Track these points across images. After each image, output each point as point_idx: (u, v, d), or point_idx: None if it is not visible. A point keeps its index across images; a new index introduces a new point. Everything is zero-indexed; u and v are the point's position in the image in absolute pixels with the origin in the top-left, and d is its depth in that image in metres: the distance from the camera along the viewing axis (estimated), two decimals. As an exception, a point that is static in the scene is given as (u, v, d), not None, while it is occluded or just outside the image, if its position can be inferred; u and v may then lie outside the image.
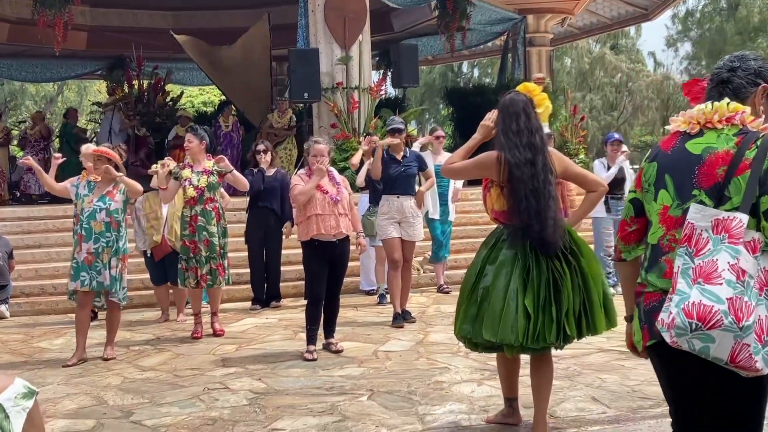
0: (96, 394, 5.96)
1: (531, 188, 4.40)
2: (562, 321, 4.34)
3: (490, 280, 4.46)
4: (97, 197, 6.97)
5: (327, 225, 6.89)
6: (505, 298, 4.35)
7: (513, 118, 4.52)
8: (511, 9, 17.85)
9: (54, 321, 9.19)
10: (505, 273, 4.41)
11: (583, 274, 4.45)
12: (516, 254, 4.42)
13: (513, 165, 4.42)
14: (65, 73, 22.78)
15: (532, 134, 4.51)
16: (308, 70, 12.90)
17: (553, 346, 4.44)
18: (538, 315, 4.31)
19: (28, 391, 1.29)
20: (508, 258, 4.44)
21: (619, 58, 38.60)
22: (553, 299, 4.34)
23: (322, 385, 6.00)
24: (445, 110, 25.88)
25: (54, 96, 41.31)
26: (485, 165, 4.64)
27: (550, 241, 4.38)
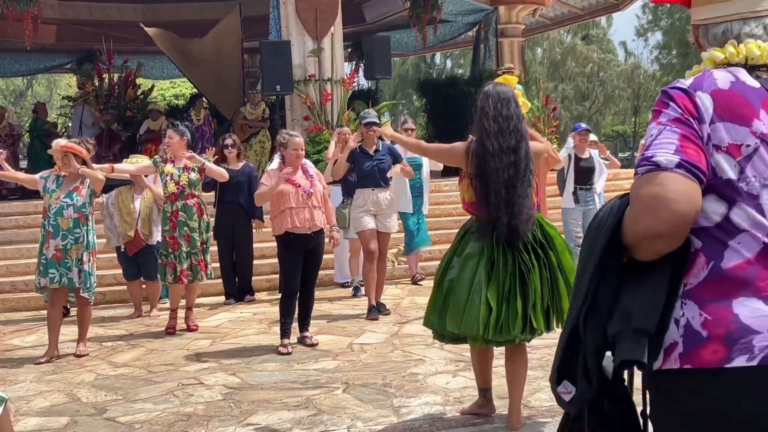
0: (69, 391, 5.92)
1: (506, 177, 4.40)
2: (528, 314, 4.36)
3: (456, 272, 4.48)
4: (65, 193, 6.91)
5: (301, 218, 6.89)
6: (470, 290, 4.37)
7: (504, 103, 4.49)
8: (483, 0, 17.85)
9: (26, 318, 9.10)
10: (471, 265, 4.42)
11: (553, 267, 4.47)
12: (483, 247, 4.44)
13: (489, 154, 4.40)
14: (34, 67, 22.46)
15: (520, 121, 4.52)
16: (280, 63, 12.82)
17: (519, 338, 4.45)
18: (501, 307, 4.33)
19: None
20: (475, 250, 4.45)
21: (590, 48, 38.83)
22: (518, 292, 4.35)
23: (297, 378, 5.99)
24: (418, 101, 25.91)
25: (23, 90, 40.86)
26: (455, 155, 4.66)
27: (518, 234, 4.38)
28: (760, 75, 1.89)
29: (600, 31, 40.64)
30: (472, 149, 4.49)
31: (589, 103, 38.31)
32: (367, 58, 14.77)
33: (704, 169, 1.78)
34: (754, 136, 1.80)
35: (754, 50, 1.89)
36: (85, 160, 7.04)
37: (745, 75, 1.87)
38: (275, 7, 13.71)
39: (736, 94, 1.83)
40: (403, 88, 38.32)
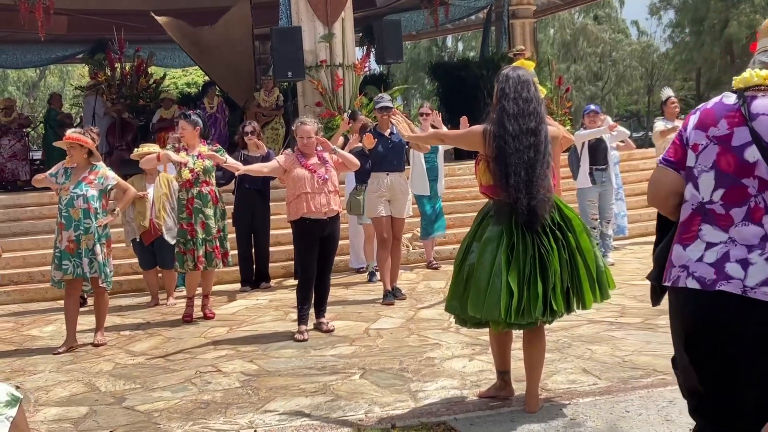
0: (88, 381, 5.95)
1: (526, 159, 4.38)
2: (549, 296, 4.36)
3: (475, 257, 4.48)
4: (74, 184, 6.92)
5: (317, 203, 6.89)
6: (490, 274, 4.36)
7: (524, 85, 4.48)
8: (494, -19, 17.77)
9: (43, 308, 9.15)
10: (491, 250, 4.41)
11: (571, 249, 4.46)
12: (502, 231, 4.43)
13: (510, 136, 4.39)
14: (46, 57, 22.55)
15: (539, 104, 4.50)
16: (291, 49, 12.80)
17: (540, 321, 4.45)
18: (522, 291, 4.32)
19: (12, 398, 1.26)
20: (494, 234, 4.45)
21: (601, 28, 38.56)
22: (538, 275, 4.35)
23: (314, 365, 6.01)
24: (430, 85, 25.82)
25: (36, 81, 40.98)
26: (473, 139, 4.64)
27: (538, 216, 4.37)
28: (754, 94, 2.63)
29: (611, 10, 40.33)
30: (490, 131, 4.48)
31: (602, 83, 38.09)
32: (378, 43, 14.73)
33: (674, 160, 2.79)
34: (707, 138, 2.67)
35: (746, 75, 2.66)
36: (91, 150, 7.05)
37: (729, 96, 2.69)
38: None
39: (710, 110, 2.71)
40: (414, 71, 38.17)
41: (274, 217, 9.99)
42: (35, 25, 13.32)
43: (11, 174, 15.24)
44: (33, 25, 13.38)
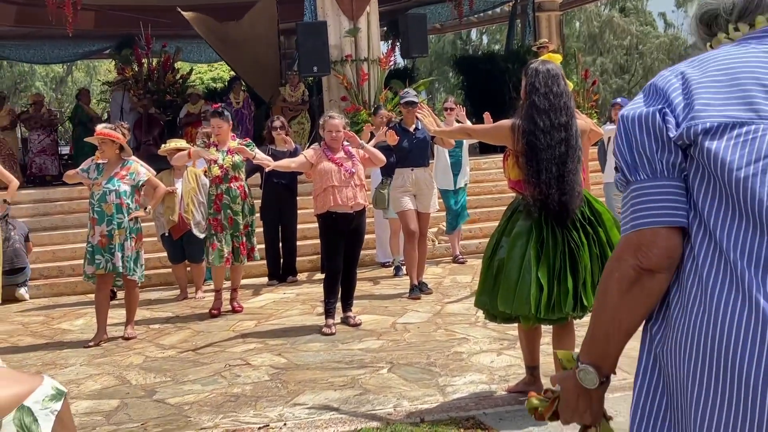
0: (118, 374, 6.02)
1: (557, 154, 4.37)
2: (579, 291, 4.35)
3: (505, 252, 4.48)
4: (106, 179, 6.99)
5: (343, 196, 6.91)
6: (520, 270, 4.36)
7: (554, 79, 4.46)
8: (520, -26, 17.70)
9: (73, 302, 9.26)
10: (520, 245, 4.41)
11: (602, 243, 4.45)
12: (531, 226, 4.42)
13: (541, 131, 4.37)
14: (74, 52, 22.73)
15: (569, 98, 4.49)
16: (316, 44, 12.82)
17: (571, 316, 4.45)
18: (552, 286, 4.32)
19: (57, 392, 1.29)
20: (524, 229, 4.44)
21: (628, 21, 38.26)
22: (569, 270, 4.34)
23: (342, 358, 6.03)
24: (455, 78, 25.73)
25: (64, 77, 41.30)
26: (500, 132, 4.63)
27: (569, 211, 4.36)
28: None
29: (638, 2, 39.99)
30: (519, 126, 4.46)
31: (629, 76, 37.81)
32: (403, 37, 14.71)
33: None
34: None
35: None
36: (122, 145, 7.11)
37: None
38: (310, -12, 13.71)
39: None
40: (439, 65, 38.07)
41: (301, 211, 10.02)
42: (63, 21, 13.42)
43: (39, 169, 15.39)
44: (60, 20, 13.48)
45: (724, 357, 1.44)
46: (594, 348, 1.71)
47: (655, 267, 1.57)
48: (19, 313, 8.81)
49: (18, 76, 39.82)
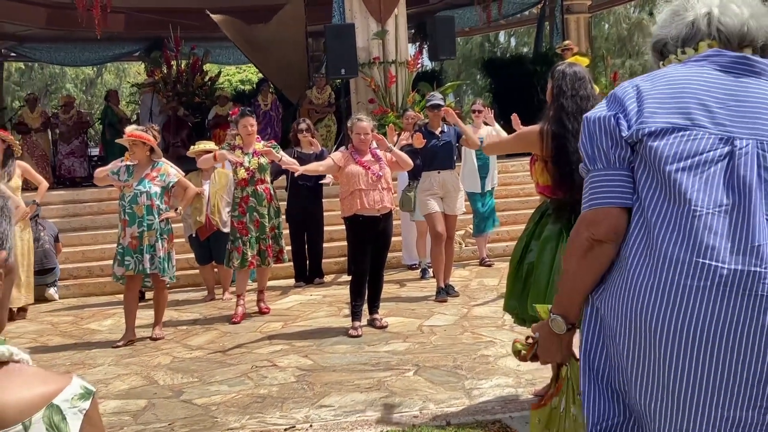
0: (146, 374, 6.06)
1: None
2: None
3: (534, 255, 4.45)
4: (137, 181, 7.04)
5: (371, 200, 6.91)
6: (550, 273, 4.33)
7: (581, 82, 4.43)
8: (548, -24, 17.63)
9: (102, 302, 9.34)
10: (550, 249, 4.39)
11: None
12: (560, 229, 4.39)
13: (570, 134, 4.33)
14: (104, 55, 22.96)
15: (596, 102, 4.45)
16: (344, 46, 12.84)
17: None
18: None
19: (85, 391, 1.30)
20: (553, 233, 4.41)
21: (658, 23, 37.96)
22: None
23: (368, 360, 6.03)
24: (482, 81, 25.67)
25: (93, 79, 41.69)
26: (528, 139, 4.60)
27: None
28: None
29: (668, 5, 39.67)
30: (547, 130, 4.42)
31: (658, 79, 37.52)
32: (431, 39, 14.71)
33: None
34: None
35: None
36: (152, 147, 7.16)
37: None
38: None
39: None
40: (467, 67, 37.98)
41: (327, 213, 10.04)
42: (93, 24, 13.55)
43: (69, 171, 15.55)
44: (90, 23, 13.61)
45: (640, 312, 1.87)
46: (561, 302, 2.12)
47: (604, 238, 1.96)
48: (49, 312, 8.90)
49: (49, 78, 40.27)
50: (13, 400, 1.23)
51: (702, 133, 1.89)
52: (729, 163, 1.86)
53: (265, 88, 15.73)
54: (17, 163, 8.45)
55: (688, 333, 1.81)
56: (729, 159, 1.86)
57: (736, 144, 1.87)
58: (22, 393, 1.25)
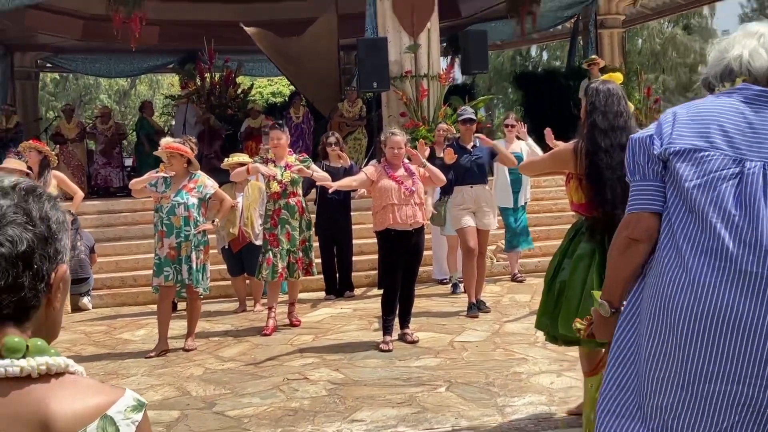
0: (179, 385, 6.09)
1: (620, 174, 4.31)
2: None
3: (567, 274, 4.43)
4: (175, 192, 7.10)
5: (403, 214, 6.92)
6: (582, 292, 4.30)
7: (615, 99, 4.41)
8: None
9: (135, 312, 9.41)
10: (583, 267, 4.36)
11: None
12: (594, 248, 4.36)
13: (603, 151, 4.31)
14: (138, 66, 23.21)
15: (630, 118, 4.44)
16: (377, 60, 12.88)
17: None
18: None
19: (138, 403, 1.33)
20: (586, 252, 4.38)
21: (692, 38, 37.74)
22: None
23: (400, 375, 6.03)
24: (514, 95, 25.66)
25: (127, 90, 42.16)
26: (563, 158, 4.58)
27: None
28: None
29: (702, 20, 39.42)
30: (581, 147, 4.41)
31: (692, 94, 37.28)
32: (463, 53, 14.71)
33: None
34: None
35: None
36: (189, 159, 7.23)
37: None
38: (371, 4, 13.79)
39: None
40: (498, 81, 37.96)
41: (357, 226, 10.06)
42: (128, 36, 13.70)
43: (104, 180, 15.72)
44: (126, 35, 13.77)
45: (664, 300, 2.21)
46: (607, 290, 2.53)
47: (638, 237, 2.33)
48: (82, 322, 8.98)
49: (83, 88, 40.79)
50: (69, 410, 1.25)
51: (718, 154, 2.22)
52: (739, 180, 2.19)
53: (297, 101, 15.82)
54: (53, 173, 8.56)
55: (701, 319, 2.13)
56: (739, 177, 2.19)
57: (746, 165, 2.20)
58: (77, 404, 1.27)
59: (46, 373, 1.26)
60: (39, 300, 1.31)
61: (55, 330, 1.39)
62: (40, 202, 1.32)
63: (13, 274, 1.25)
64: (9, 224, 1.26)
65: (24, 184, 1.32)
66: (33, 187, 1.33)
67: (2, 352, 1.24)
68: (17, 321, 1.29)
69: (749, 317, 2.09)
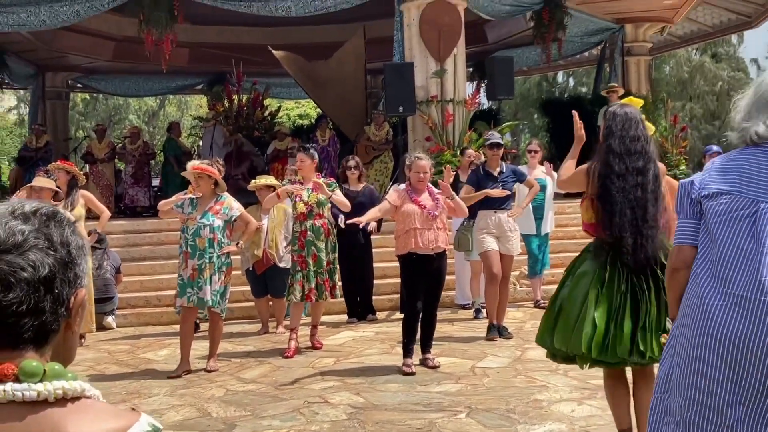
0: (200, 406, 6.11)
1: (632, 198, 4.31)
2: (637, 336, 4.22)
3: (568, 291, 4.43)
4: (201, 214, 7.16)
5: (425, 239, 6.93)
6: (581, 309, 4.29)
7: (632, 123, 4.42)
8: (609, 18, 17.58)
9: (158, 332, 9.46)
10: (583, 284, 4.35)
11: None
12: (597, 266, 4.35)
13: (615, 175, 4.33)
14: (167, 86, 23.49)
15: (648, 143, 4.44)
16: (403, 84, 12.96)
17: (628, 361, 4.31)
18: (609, 327, 4.22)
19: (153, 428, 1.34)
20: (589, 269, 4.38)
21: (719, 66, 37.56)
22: (628, 313, 4.23)
23: (420, 401, 6.01)
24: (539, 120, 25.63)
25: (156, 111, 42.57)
26: (578, 178, 4.60)
27: (642, 256, 4.27)
28: None
29: (730, 48, 39.24)
30: (594, 169, 4.43)
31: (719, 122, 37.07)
32: (489, 79, 14.76)
33: None
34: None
35: None
36: (217, 180, 7.29)
37: None
38: (399, 29, 13.89)
39: None
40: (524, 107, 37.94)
41: (380, 249, 10.07)
42: (159, 58, 13.87)
43: (131, 200, 15.87)
44: (157, 57, 13.93)
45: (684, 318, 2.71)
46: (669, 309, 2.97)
47: (678, 266, 2.81)
48: (106, 341, 9.05)
49: (112, 109, 41.23)
50: None
51: (740, 197, 2.61)
52: (754, 218, 2.57)
53: (323, 124, 15.91)
54: (81, 193, 8.66)
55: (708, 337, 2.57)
56: (755, 215, 2.57)
57: (761, 206, 2.57)
58: (93, 428, 1.29)
59: (63, 398, 1.28)
60: (59, 324, 1.33)
61: (71, 354, 1.42)
62: (61, 228, 1.34)
63: (34, 299, 1.28)
64: (31, 249, 1.29)
65: (45, 209, 1.35)
66: (54, 212, 1.36)
67: (19, 376, 1.26)
68: (37, 345, 1.31)
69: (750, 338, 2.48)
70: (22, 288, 1.27)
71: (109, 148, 16.23)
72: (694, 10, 18.73)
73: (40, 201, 1.42)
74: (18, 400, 1.25)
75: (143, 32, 13.44)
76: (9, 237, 1.28)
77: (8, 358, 1.28)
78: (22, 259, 1.27)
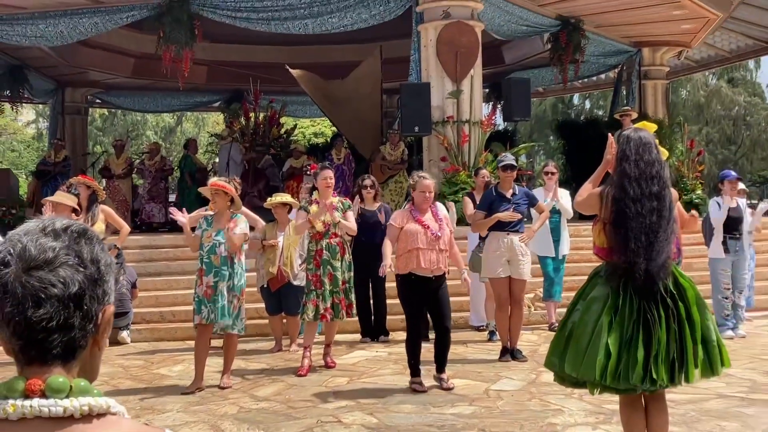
0: (213, 423, 6.11)
1: (648, 223, 4.29)
2: (650, 364, 4.19)
3: (579, 315, 4.40)
4: (216, 231, 7.19)
5: (427, 259, 6.92)
6: (592, 335, 4.26)
7: (646, 147, 4.41)
8: (626, 42, 17.62)
9: (173, 348, 9.47)
10: (595, 310, 4.32)
11: (681, 319, 4.26)
12: (609, 292, 4.33)
13: (630, 199, 4.31)
14: (185, 102, 23.67)
15: (662, 167, 4.43)
16: (419, 104, 13.01)
17: (640, 388, 4.29)
18: (621, 354, 4.20)
19: None
20: (600, 295, 4.35)
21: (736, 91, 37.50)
22: (641, 340, 4.20)
23: (434, 422, 5.99)
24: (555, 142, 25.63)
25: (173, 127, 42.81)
26: (591, 201, 4.59)
27: (655, 282, 4.25)
28: None
29: (747, 73, 39.20)
30: (608, 194, 4.42)
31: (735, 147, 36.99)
32: (505, 100, 14.78)
33: None
34: None
35: None
36: (233, 198, 7.32)
37: None
38: (416, 50, 13.95)
39: None
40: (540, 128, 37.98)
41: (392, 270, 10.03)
42: (177, 74, 13.98)
43: (147, 216, 15.94)
44: (175, 74, 14.04)
45: None
46: None
47: None
48: (121, 356, 9.07)
49: (131, 125, 41.50)
50: None
51: None
52: None
53: (338, 143, 15.97)
54: (101, 208, 8.71)
55: None
56: None
57: None
58: (118, 445, 1.30)
59: (89, 414, 1.29)
60: (87, 340, 1.35)
61: (96, 371, 1.43)
62: (91, 245, 1.36)
63: (64, 315, 1.29)
64: (61, 266, 1.30)
65: (75, 226, 1.37)
66: (84, 229, 1.38)
67: (46, 391, 1.28)
68: (65, 361, 1.32)
69: None
70: (52, 304, 1.28)
71: (127, 163, 16.33)
72: (712, 35, 18.74)
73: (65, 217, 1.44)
74: (44, 416, 1.27)
75: (162, 49, 13.55)
76: (40, 253, 1.30)
77: (36, 374, 1.30)
78: (53, 275, 1.29)
